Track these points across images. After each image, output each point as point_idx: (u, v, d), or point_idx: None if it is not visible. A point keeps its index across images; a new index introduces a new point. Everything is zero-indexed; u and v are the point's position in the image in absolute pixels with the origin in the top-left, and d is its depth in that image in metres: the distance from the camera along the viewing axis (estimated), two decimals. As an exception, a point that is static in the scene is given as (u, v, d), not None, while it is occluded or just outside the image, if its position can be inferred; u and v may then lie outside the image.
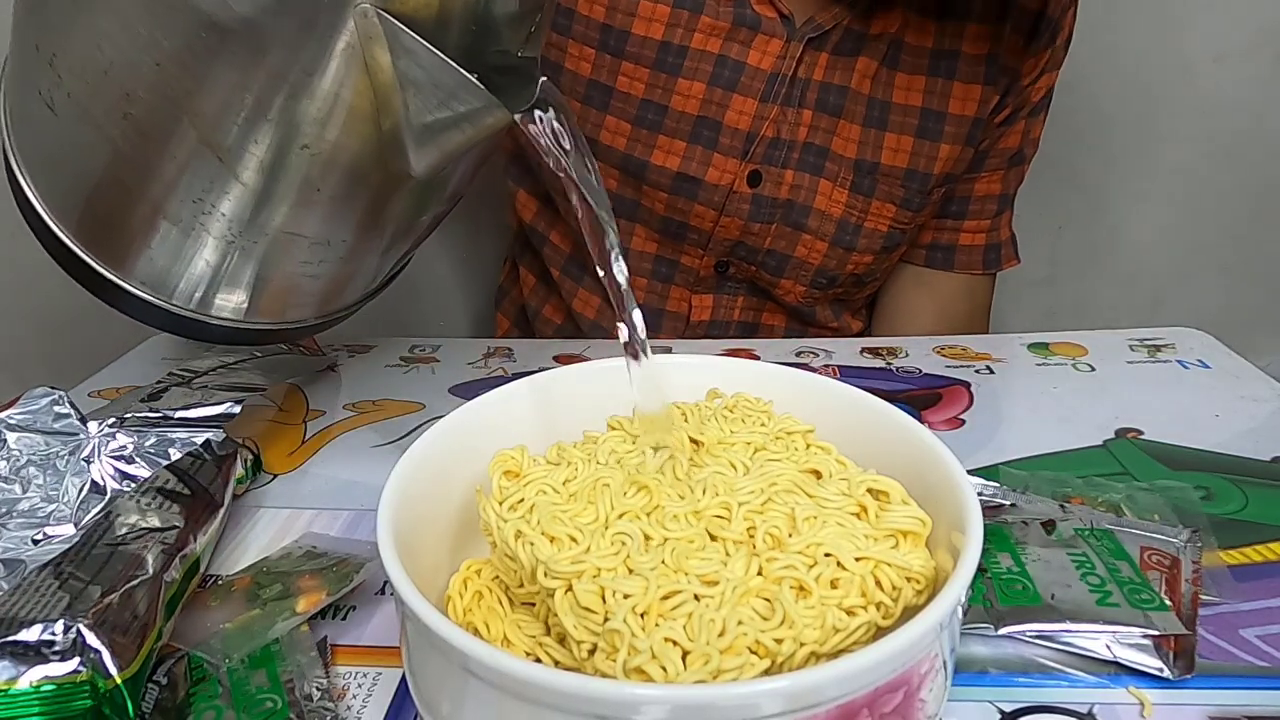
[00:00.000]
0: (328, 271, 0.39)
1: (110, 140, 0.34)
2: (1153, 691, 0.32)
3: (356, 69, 0.31)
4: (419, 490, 0.32)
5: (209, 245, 0.36)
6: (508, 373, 0.61)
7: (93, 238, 0.38)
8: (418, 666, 0.28)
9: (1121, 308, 1.18)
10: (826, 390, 0.37)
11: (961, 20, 0.65)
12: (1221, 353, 0.59)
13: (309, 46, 0.30)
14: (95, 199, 0.37)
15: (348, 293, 0.43)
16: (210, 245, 0.36)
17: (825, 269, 0.71)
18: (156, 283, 0.38)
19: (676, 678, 0.25)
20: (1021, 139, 0.71)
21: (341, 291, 0.42)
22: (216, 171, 0.34)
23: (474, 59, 0.32)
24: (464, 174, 0.41)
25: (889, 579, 0.28)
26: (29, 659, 0.29)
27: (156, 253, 0.37)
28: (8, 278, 0.95)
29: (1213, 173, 1.10)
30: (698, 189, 0.67)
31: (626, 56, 0.64)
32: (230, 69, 0.31)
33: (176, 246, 0.37)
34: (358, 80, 0.31)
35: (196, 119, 0.32)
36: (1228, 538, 0.40)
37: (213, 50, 0.30)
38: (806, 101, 0.65)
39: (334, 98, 0.32)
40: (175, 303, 0.39)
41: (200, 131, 0.33)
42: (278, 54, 0.31)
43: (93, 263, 0.38)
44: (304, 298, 0.41)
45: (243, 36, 0.30)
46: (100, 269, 0.38)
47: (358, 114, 0.32)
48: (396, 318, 1.16)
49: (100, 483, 0.41)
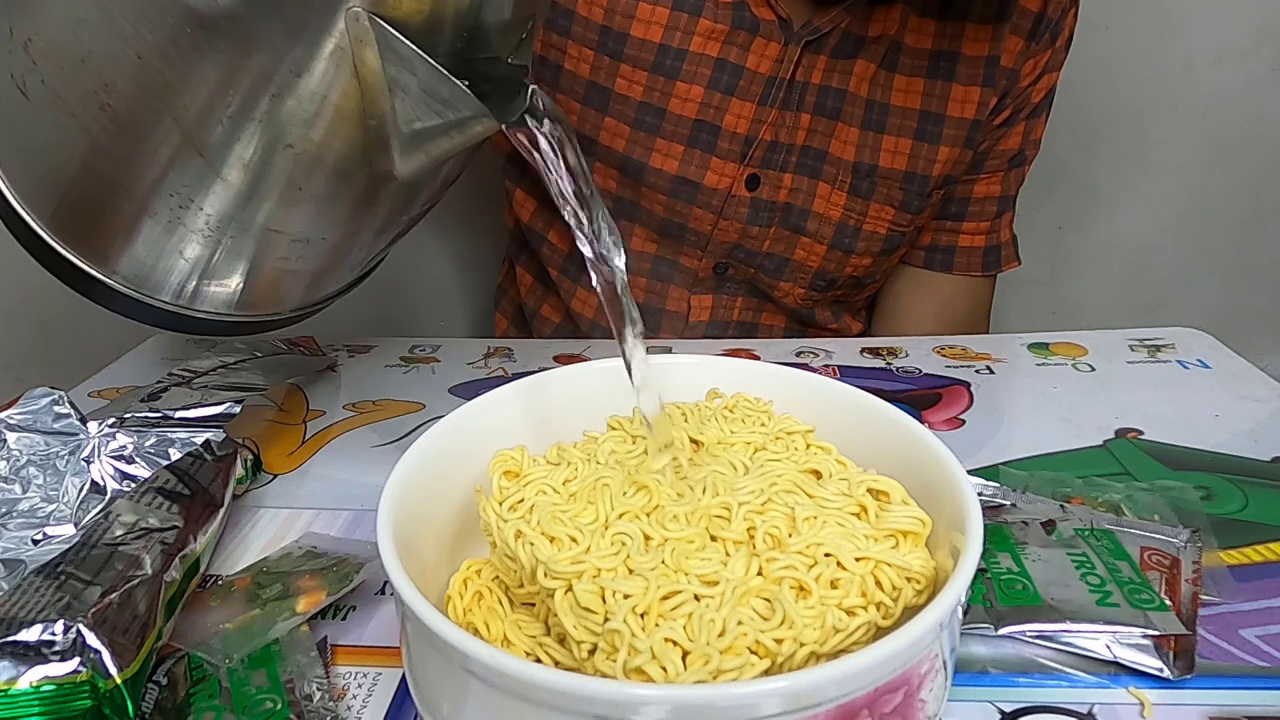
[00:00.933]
0: (307, 266, 0.39)
1: (86, 130, 0.33)
2: (1153, 691, 0.32)
3: (345, 71, 0.31)
4: (419, 490, 0.32)
5: (188, 240, 0.36)
6: (508, 373, 0.61)
7: (67, 229, 0.37)
8: (418, 666, 0.28)
9: (1121, 308, 1.18)
10: (826, 390, 0.37)
11: (960, 21, 0.65)
12: (1221, 353, 0.59)
13: (297, 47, 0.30)
14: (70, 189, 0.36)
15: (326, 286, 0.43)
16: (189, 240, 0.36)
17: (824, 271, 0.71)
18: (133, 276, 0.37)
19: (676, 678, 0.25)
20: (1022, 140, 0.71)
21: (320, 285, 0.42)
22: (198, 168, 0.33)
23: (464, 65, 0.32)
24: (448, 174, 0.40)
25: (889, 579, 0.28)
26: (29, 659, 0.29)
27: (133, 246, 0.36)
28: (7, 278, 0.95)
29: (1213, 173, 1.10)
30: (696, 192, 0.67)
31: (625, 59, 0.64)
32: (215, 67, 0.31)
33: (153, 241, 0.36)
34: (346, 83, 0.31)
35: (179, 115, 0.32)
36: (1228, 538, 0.40)
37: (198, 47, 0.30)
38: (805, 105, 0.65)
39: (321, 99, 0.31)
40: (152, 295, 0.38)
41: (182, 128, 0.32)
42: (265, 53, 0.30)
43: (66, 253, 0.37)
44: (282, 291, 0.41)
45: (230, 34, 0.30)
46: (75, 260, 0.37)
47: (344, 115, 0.32)
48: (396, 318, 1.16)
49: (100, 483, 0.41)
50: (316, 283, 0.42)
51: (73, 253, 0.37)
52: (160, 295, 0.38)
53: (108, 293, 0.38)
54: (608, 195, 0.71)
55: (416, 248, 1.12)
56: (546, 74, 0.67)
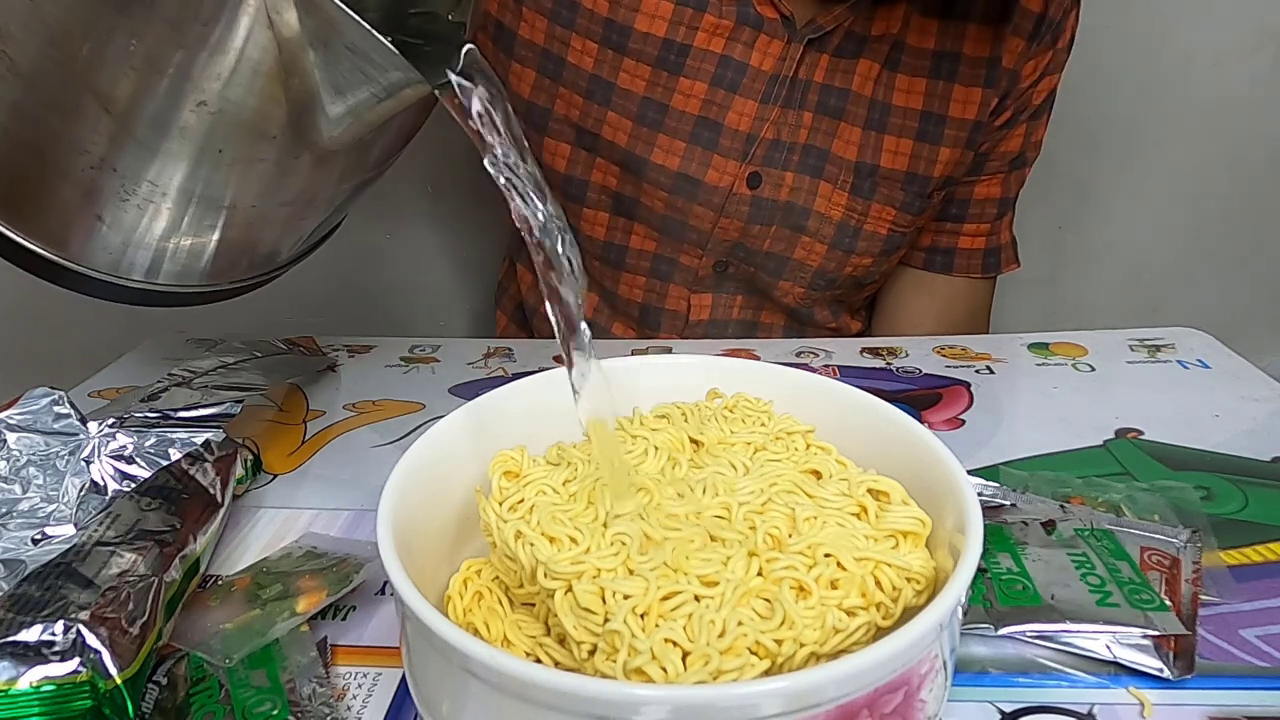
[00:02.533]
0: (240, 236, 0.37)
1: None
2: (1153, 692, 0.32)
3: (260, 24, 0.28)
4: (419, 490, 0.32)
5: (104, 202, 0.34)
6: (508, 373, 0.61)
7: (13, 209, 0.35)
8: (418, 666, 0.28)
9: (1121, 308, 1.18)
10: (826, 390, 0.37)
11: (963, 22, 0.65)
12: (1221, 353, 0.59)
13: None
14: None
15: (265, 257, 0.41)
16: (106, 202, 0.34)
17: (824, 271, 0.71)
18: (55, 240, 0.35)
19: (676, 678, 0.25)
20: (1022, 142, 0.71)
21: (257, 255, 0.40)
22: (106, 124, 0.31)
23: (395, 22, 0.29)
24: (389, 143, 0.38)
25: (889, 579, 0.28)
26: (29, 659, 0.29)
27: (50, 208, 0.34)
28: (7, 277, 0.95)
29: (1213, 173, 1.10)
30: (697, 190, 0.67)
31: (629, 53, 0.64)
32: (118, 13, 0.28)
33: (69, 203, 0.34)
34: (261, 36, 0.29)
35: (81, 67, 0.29)
36: (1228, 538, 0.40)
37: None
38: (807, 103, 0.65)
39: (236, 53, 0.29)
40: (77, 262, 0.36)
41: (86, 79, 0.30)
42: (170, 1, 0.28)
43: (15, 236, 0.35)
44: (218, 261, 0.38)
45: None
46: (7, 233, 0.35)
47: (262, 73, 0.29)
48: (396, 318, 1.16)
49: (100, 483, 0.41)
50: (254, 254, 0.40)
51: (6, 225, 0.35)
52: (91, 265, 0.36)
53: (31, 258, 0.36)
54: (608, 192, 0.70)
55: (416, 247, 1.12)
56: (549, 67, 0.67)
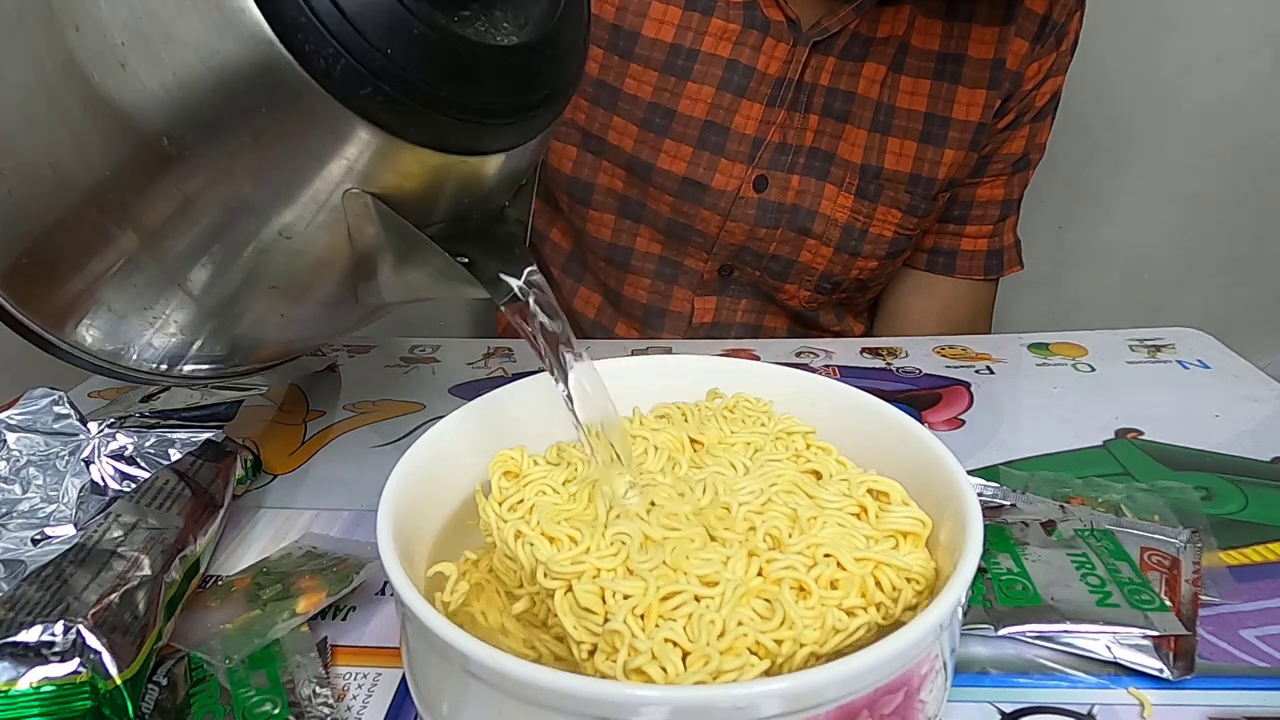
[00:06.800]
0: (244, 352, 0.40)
1: None
2: (1153, 692, 0.32)
3: (339, 236, 0.30)
4: (419, 490, 0.32)
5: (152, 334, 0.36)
6: (508, 373, 0.61)
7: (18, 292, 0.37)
8: (418, 667, 0.28)
9: (1121, 308, 1.18)
10: (827, 391, 0.37)
11: (966, 24, 0.65)
12: (1221, 353, 0.59)
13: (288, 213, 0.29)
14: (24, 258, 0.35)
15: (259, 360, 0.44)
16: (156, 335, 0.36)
17: (830, 274, 0.71)
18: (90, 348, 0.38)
19: (676, 679, 0.25)
20: (1026, 144, 0.71)
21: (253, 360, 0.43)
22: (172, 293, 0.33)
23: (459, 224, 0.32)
24: None
25: (889, 580, 0.28)
26: (29, 660, 0.29)
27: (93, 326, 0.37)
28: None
29: (1213, 173, 1.10)
30: (704, 194, 0.67)
31: (635, 59, 0.64)
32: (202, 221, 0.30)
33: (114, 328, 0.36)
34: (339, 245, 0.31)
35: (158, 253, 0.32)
36: (1228, 538, 0.40)
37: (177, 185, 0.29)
38: (813, 106, 0.65)
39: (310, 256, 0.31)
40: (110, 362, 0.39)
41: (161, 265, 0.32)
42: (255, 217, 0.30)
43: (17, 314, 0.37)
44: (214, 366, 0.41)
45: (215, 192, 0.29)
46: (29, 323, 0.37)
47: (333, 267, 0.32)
48: (396, 318, 1.16)
49: (100, 483, 0.41)
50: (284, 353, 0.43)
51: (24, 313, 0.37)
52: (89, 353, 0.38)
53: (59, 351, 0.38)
54: (614, 195, 0.70)
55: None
56: None
